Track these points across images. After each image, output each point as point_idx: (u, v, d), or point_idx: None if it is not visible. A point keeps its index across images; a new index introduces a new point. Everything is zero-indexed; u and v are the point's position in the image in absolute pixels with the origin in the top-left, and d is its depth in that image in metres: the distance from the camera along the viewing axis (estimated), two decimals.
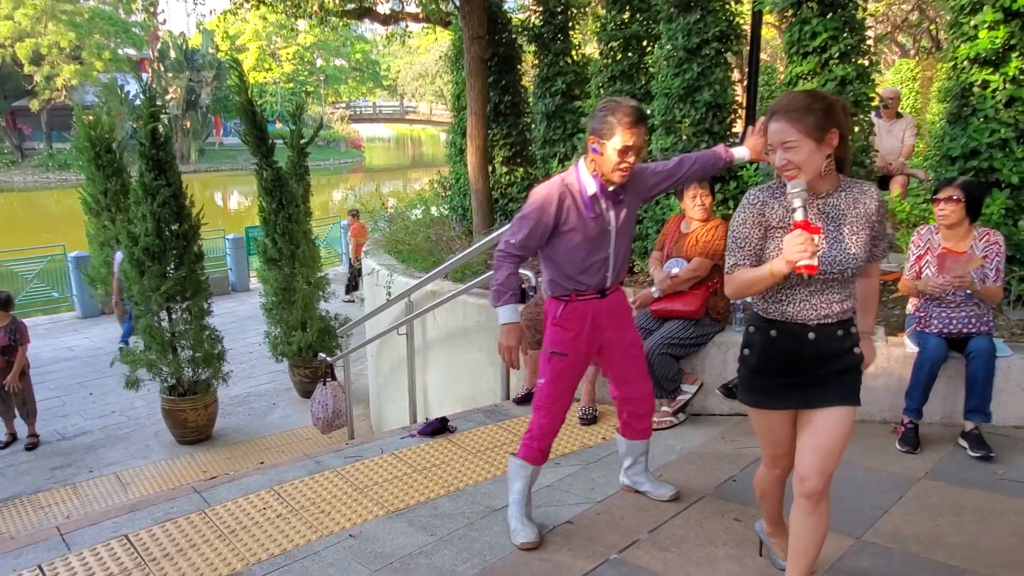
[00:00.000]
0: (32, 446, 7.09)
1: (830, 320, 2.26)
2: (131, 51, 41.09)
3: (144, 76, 35.80)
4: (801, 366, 2.29)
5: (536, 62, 6.42)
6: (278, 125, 40.83)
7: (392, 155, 64.19)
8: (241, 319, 11.48)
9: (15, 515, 5.95)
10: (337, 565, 2.94)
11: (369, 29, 50.47)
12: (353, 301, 12.06)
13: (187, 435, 7.14)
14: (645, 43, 5.73)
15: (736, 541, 2.97)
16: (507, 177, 6.71)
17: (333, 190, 35.66)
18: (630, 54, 5.69)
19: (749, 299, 2.44)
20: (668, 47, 5.02)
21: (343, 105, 51.96)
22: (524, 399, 4.62)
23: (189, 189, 6.76)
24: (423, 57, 44.37)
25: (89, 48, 35.72)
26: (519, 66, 6.83)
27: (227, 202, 35.35)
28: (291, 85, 43.82)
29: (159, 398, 7.13)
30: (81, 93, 38.60)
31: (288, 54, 44.56)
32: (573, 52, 6.39)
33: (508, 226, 3.22)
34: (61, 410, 8.01)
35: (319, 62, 49.39)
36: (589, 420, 4.32)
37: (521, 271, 4.52)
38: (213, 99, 39.87)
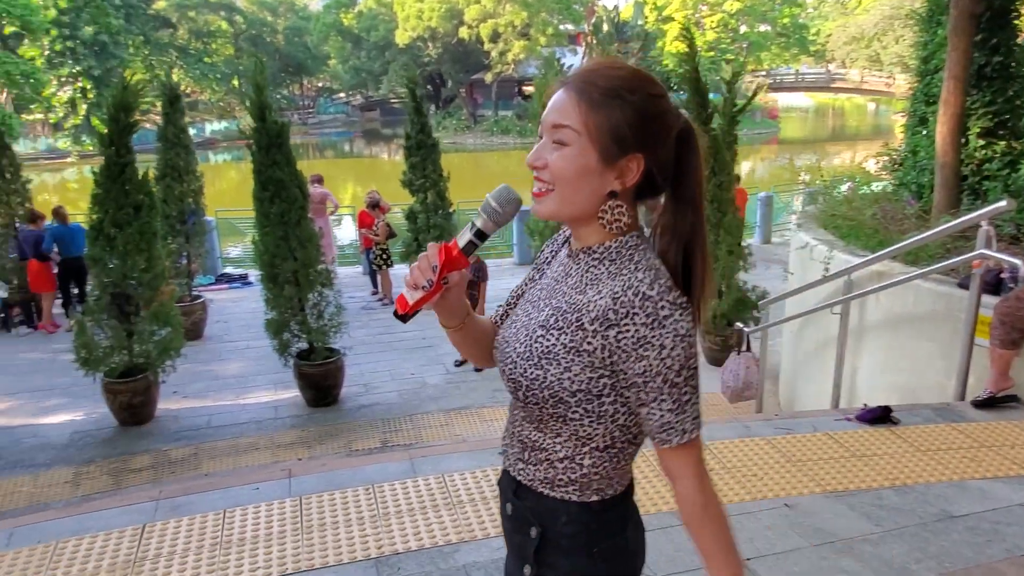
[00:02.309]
0: (479, 369, 8.34)
1: (520, 466, 1.34)
2: (569, 26, 44.96)
3: (579, 49, 38.93)
4: (509, 542, 1.43)
5: None
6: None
7: (809, 127, 60.47)
8: None
9: (465, 422, 7.10)
10: (775, 529, 2.96)
11: None
12: None
13: None
14: None
15: None
16: (983, 151, 5.81)
17: (743, 160, 34.98)
18: None
19: None
20: None
21: (763, 73, 50.36)
22: (986, 403, 4.06)
23: None
24: (861, 18, 40.61)
25: (536, 25, 39.96)
26: (1016, 21, 5.83)
27: None
28: (712, 54, 43.76)
29: None
30: (525, 66, 43.51)
31: (712, 22, 44.50)
32: None
33: None
34: None
35: (743, 28, 48.42)
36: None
37: (1009, 258, 3.95)
38: None
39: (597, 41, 39.47)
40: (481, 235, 1.28)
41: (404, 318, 1.31)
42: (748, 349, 6.69)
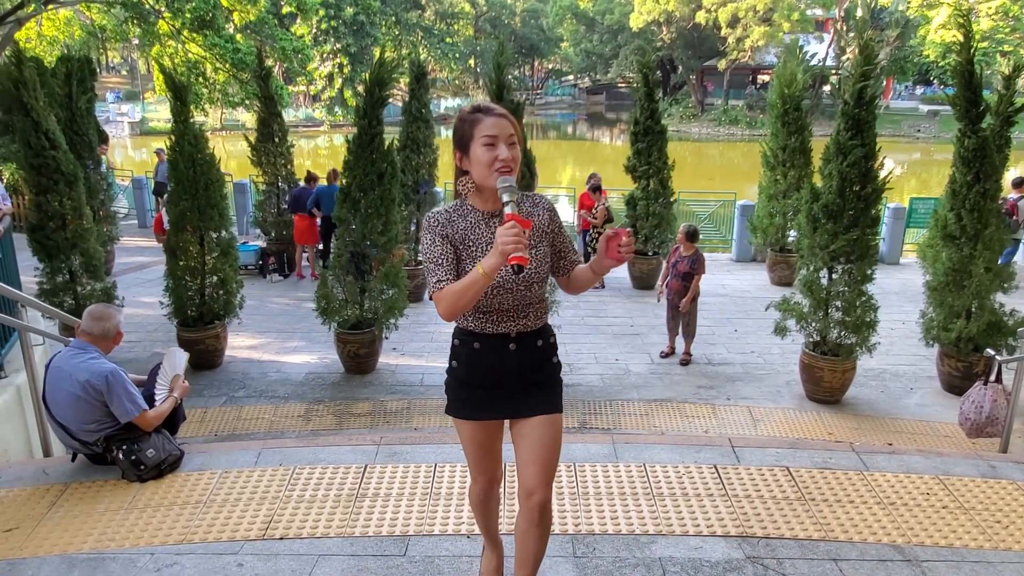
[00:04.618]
0: (685, 363, 8.14)
1: (530, 329, 2.30)
2: (818, 11, 41.99)
3: (825, 36, 36.27)
4: (505, 376, 2.31)
5: None
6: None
7: None
8: (886, 292, 10.98)
9: (666, 415, 6.97)
10: None
11: None
12: None
13: (818, 393, 7.24)
14: None
15: None
16: None
17: (1012, 167, 30.84)
18: None
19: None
20: None
21: None
22: None
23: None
24: None
25: (781, 10, 37.75)
26: None
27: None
28: (985, 44, 38.86)
29: (801, 351, 7.37)
30: (762, 54, 41.38)
31: (990, 8, 39.42)
32: None
33: None
34: (710, 339, 8.97)
35: None
36: None
37: None
38: (890, 60, 38.15)
39: (848, 28, 36.55)
40: (515, 203, 2.07)
41: (523, 270, 1.99)
42: (998, 380, 5.93)
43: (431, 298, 2.19)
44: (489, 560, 2.69)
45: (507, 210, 2.03)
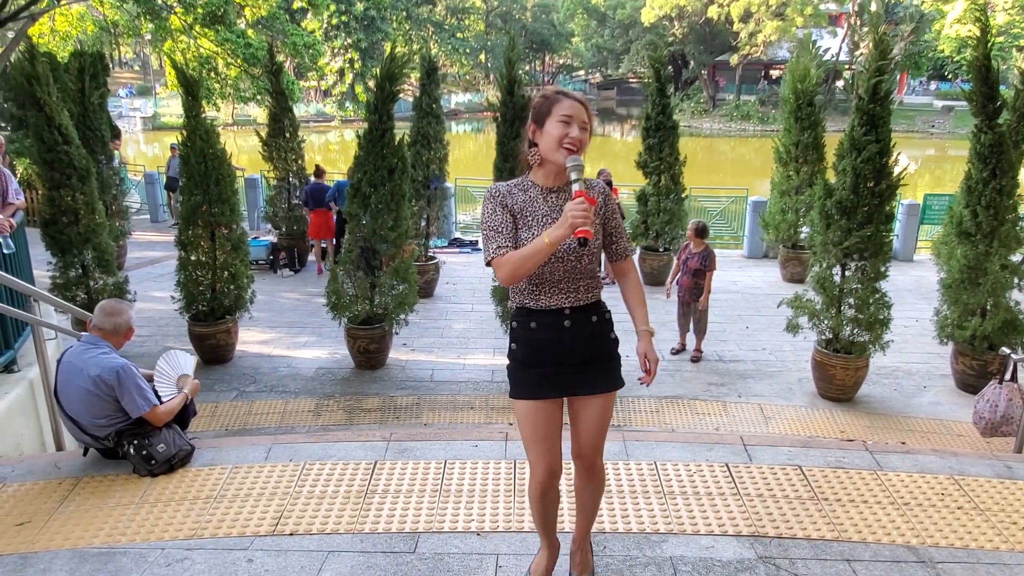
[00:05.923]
0: (696, 359, 8.10)
1: (583, 303, 2.39)
2: (831, 6, 41.67)
3: (838, 31, 35.97)
4: (562, 354, 2.39)
5: None
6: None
7: None
8: (899, 290, 10.88)
9: (677, 412, 6.95)
10: None
11: None
12: None
13: (830, 391, 7.19)
14: None
15: None
16: None
17: None
18: None
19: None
20: None
21: None
22: None
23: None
24: None
25: (794, 4, 37.49)
26: None
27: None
28: (1001, 39, 38.42)
29: (813, 348, 7.32)
30: (774, 49, 41.12)
31: (1006, 3, 39.00)
32: None
33: None
34: (721, 335, 8.92)
35: None
36: None
37: None
38: (904, 55, 37.82)
39: (862, 22, 36.25)
40: (582, 181, 2.25)
41: (588, 243, 2.22)
42: (1013, 379, 5.86)
43: (488, 264, 2.31)
44: (540, 559, 2.69)
45: (575, 187, 2.20)
